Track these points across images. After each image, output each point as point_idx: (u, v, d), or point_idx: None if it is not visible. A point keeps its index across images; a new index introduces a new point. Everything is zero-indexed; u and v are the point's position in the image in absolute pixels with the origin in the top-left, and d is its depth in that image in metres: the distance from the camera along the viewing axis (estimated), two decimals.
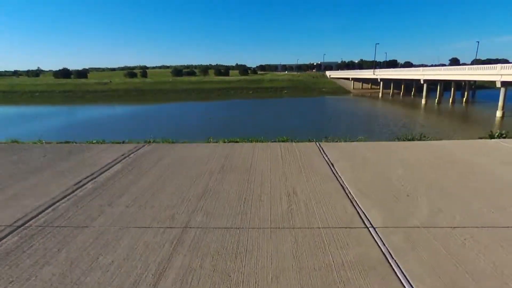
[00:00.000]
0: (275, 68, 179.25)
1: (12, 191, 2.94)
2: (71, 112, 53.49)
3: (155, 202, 2.68)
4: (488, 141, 4.54)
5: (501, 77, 42.25)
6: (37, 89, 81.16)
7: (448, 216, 2.36)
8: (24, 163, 3.77)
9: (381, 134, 31.03)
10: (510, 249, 1.95)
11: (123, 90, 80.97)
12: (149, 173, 3.39)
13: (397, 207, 2.52)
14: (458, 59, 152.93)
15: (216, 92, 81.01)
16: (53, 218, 2.43)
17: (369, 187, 2.92)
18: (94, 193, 2.89)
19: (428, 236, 2.10)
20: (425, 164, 3.51)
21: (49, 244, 2.07)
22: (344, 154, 3.96)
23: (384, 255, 1.91)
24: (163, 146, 4.66)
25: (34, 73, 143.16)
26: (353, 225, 2.27)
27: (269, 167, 3.53)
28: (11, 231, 2.24)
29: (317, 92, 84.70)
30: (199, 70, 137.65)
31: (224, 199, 2.72)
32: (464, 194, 2.74)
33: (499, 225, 2.23)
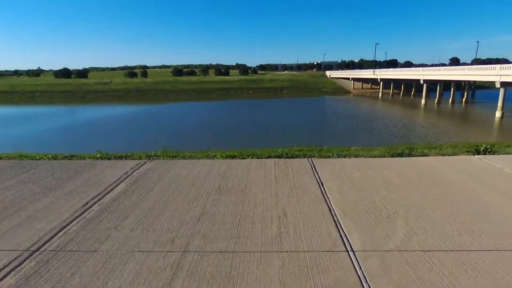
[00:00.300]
0: (275, 67, 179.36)
1: (25, 214, 3.20)
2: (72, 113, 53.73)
3: (156, 225, 2.94)
4: (471, 158, 4.79)
5: (501, 77, 42.40)
6: (37, 89, 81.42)
7: (421, 240, 2.62)
8: (34, 183, 4.03)
9: (381, 135, 31.27)
10: (471, 273, 2.20)
11: (123, 90, 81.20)
12: (151, 193, 3.65)
13: (377, 230, 2.77)
14: (458, 59, 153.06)
15: (216, 92, 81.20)
16: (65, 242, 2.69)
17: (354, 209, 3.17)
18: (100, 215, 3.14)
19: (401, 260, 2.36)
20: (408, 184, 3.76)
21: (63, 269, 2.33)
22: (334, 173, 4.22)
23: (360, 279, 2.16)
24: (164, 162, 4.92)
25: (35, 73, 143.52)
26: (335, 249, 2.52)
27: (263, 187, 3.78)
28: (28, 255, 2.50)
29: (317, 92, 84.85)
30: (200, 69, 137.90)
31: (220, 222, 2.98)
32: (439, 216, 2.99)
33: (466, 248, 2.49)
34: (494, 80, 43.64)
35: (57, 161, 5.15)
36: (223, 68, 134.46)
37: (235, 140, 25.68)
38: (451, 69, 58.30)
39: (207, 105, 61.53)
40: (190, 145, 14.25)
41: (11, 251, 2.56)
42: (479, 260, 2.33)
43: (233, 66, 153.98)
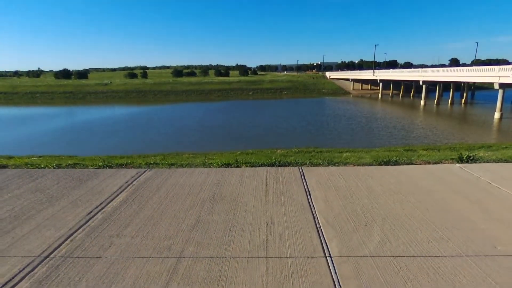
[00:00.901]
0: (275, 68, 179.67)
1: (35, 222, 3.49)
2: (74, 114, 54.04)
3: (155, 233, 3.23)
4: (452, 167, 5.08)
5: (499, 78, 42.69)
6: (38, 90, 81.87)
7: (393, 246, 2.90)
8: (41, 192, 4.33)
9: (380, 137, 31.56)
10: (433, 277, 2.49)
11: (123, 91, 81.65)
12: (150, 202, 3.94)
13: (354, 237, 3.06)
14: (458, 60, 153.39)
15: (216, 93, 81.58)
16: (72, 249, 2.98)
17: (336, 217, 3.46)
18: (104, 223, 3.44)
19: (372, 265, 2.65)
20: (388, 193, 4.05)
21: (72, 273, 2.62)
22: (321, 182, 4.51)
23: (334, 282, 2.45)
24: (162, 171, 5.21)
25: (35, 74, 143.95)
26: (315, 255, 2.81)
27: (253, 196, 4.07)
28: (39, 261, 2.79)
29: (317, 93, 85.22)
30: (200, 70, 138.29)
31: (213, 230, 3.27)
32: (413, 224, 3.28)
33: (432, 254, 2.77)
34: (493, 81, 43.93)
35: (61, 170, 5.44)
36: (223, 69, 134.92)
37: (235, 142, 26.00)
38: (450, 70, 58.62)
39: (207, 106, 61.85)
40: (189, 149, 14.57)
41: (24, 258, 2.85)
42: (442, 265, 2.62)
43: (233, 67, 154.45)
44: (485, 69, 47.72)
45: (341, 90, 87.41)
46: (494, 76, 43.53)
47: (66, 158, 7.93)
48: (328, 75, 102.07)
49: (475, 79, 51.92)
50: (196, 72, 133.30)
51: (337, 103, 63.93)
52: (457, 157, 5.67)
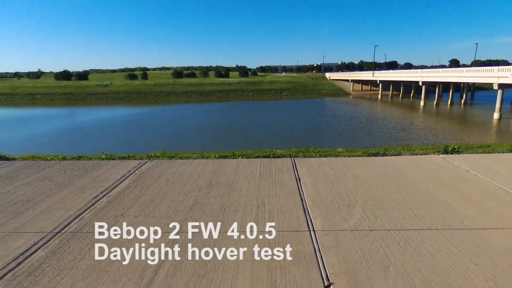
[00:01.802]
0: (275, 69, 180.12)
1: (45, 205, 3.80)
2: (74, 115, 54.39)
3: (156, 213, 3.54)
4: (436, 157, 5.38)
5: (498, 79, 42.87)
6: (38, 91, 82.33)
7: (371, 222, 3.21)
8: (49, 180, 4.64)
9: (380, 138, 31.81)
10: (403, 246, 2.80)
11: (123, 92, 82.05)
12: (151, 188, 4.26)
13: (337, 215, 3.37)
14: (458, 60, 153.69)
15: (216, 94, 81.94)
16: (81, 226, 3.29)
17: (322, 200, 3.77)
18: (109, 205, 3.75)
19: (350, 237, 2.95)
20: (372, 179, 4.36)
21: (81, 245, 2.93)
22: (311, 170, 4.82)
23: (315, 250, 2.76)
24: (162, 162, 5.52)
25: (35, 75, 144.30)
26: (300, 229, 3.12)
27: (247, 182, 4.38)
28: (52, 236, 3.10)
29: (317, 94, 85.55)
30: (200, 71, 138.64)
31: (208, 210, 3.58)
32: (391, 205, 3.59)
33: (405, 228, 3.08)
34: (492, 81, 44.12)
35: (67, 161, 5.75)
36: (223, 70, 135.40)
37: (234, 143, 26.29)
38: (449, 71, 58.87)
39: (207, 107, 62.21)
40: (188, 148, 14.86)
41: (38, 233, 3.16)
42: (412, 236, 2.93)
43: (233, 68, 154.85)
44: (484, 69, 47.94)
45: (341, 91, 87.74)
46: (493, 76, 43.73)
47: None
48: (328, 76, 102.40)
49: (474, 79, 52.16)
50: (196, 73, 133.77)
51: (337, 104, 64.24)
52: (443, 150, 5.97)
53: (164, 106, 63.58)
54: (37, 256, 2.78)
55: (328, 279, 2.39)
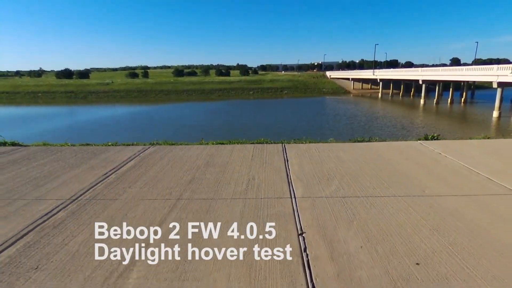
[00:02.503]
0: (276, 68, 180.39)
1: (61, 180, 4.32)
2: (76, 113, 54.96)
3: (159, 185, 4.05)
4: (414, 143, 5.87)
5: (498, 77, 43.14)
6: (39, 90, 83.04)
7: (345, 191, 3.71)
8: (63, 161, 5.16)
9: (380, 136, 32.16)
10: (368, 208, 3.29)
11: (124, 90, 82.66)
12: (154, 167, 4.77)
13: (316, 187, 3.87)
14: (459, 59, 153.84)
15: (216, 93, 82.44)
16: (94, 194, 3.80)
17: (305, 175, 4.27)
18: (117, 180, 4.26)
19: (325, 202, 3.46)
20: (353, 160, 4.86)
21: (96, 208, 3.44)
22: (299, 153, 5.32)
23: (293, 211, 3.26)
24: (164, 147, 6.04)
25: (37, 74, 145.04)
26: (283, 197, 3.62)
27: (240, 162, 4.89)
28: (70, 202, 3.61)
29: (317, 92, 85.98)
30: (201, 70, 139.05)
31: (205, 183, 4.09)
32: (365, 178, 4.09)
33: (372, 195, 3.58)
34: (492, 80, 44.40)
35: (76, 147, 6.28)
36: (224, 68, 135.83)
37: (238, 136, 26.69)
38: (449, 69, 59.10)
39: (207, 105, 62.71)
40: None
41: (58, 200, 3.68)
42: (378, 201, 3.43)
43: (234, 67, 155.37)
44: (484, 68, 48.21)
45: (342, 90, 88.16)
46: (492, 75, 44.01)
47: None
48: (329, 74, 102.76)
49: (474, 78, 52.45)
50: (197, 71, 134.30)
51: (337, 103, 64.67)
52: (423, 138, 6.46)
53: (165, 105, 64.11)
54: (59, 216, 3.30)
55: (301, 230, 2.90)
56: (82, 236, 2.87)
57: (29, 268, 2.44)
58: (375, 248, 2.58)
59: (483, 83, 68.71)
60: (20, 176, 4.50)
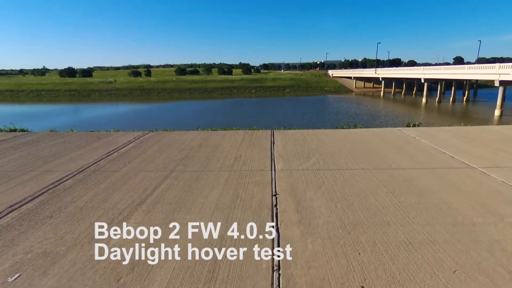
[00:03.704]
0: (278, 67, 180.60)
1: (69, 157, 4.82)
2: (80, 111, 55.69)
3: (155, 160, 4.54)
4: (393, 129, 6.32)
5: (499, 76, 43.05)
6: (43, 88, 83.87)
7: (320, 165, 4.17)
8: (69, 144, 5.67)
9: None
10: (338, 178, 3.75)
11: (127, 89, 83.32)
12: (152, 148, 5.26)
13: (295, 162, 4.34)
14: (462, 58, 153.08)
15: (218, 91, 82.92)
16: (98, 168, 4.29)
17: (287, 154, 4.74)
18: (119, 157, 4.75)
19: (301, 173, 3.92)
20: (333, 142, 5.32)
21: (100, 177, 3.93)
22: (285, 137, 5.79)
23: (272, 179, 3.73)
24: (162, 132, 6.53)
25: (40, 72, 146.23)
26: (264, 169, 4.09)
27: (230, 144, 5.37)
28: (77, 173, 4.11)
29: (319, 91, 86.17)
30: (203, 68, 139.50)
31: (197, 160, 4.57)
32: (341, 156, 4.55)
33: (343, 168, 4.04)
34: (493, 78, 44.28)
35: (81, 132, 6.78)
36: (226, 67, 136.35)
37: None
38: (451, 68, 59.06)
39: (209, 104, 63.26)
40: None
41: (65, 171, 4.17)
42: (348, 173, 3.89)
43: (236, 65, 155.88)
44: (486, 66, 48.12)
45: (344, 88, 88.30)
46: (494, 73, 43.92)
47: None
48: (331, 73, 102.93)
49: (476, 76, 52.39)
50: (199, 70, 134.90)
51: (339, 101, 64.94)
52: (406, 125, 6.89)
53: (168, 103, 64.72)
54: (68, 182, 3.79)
55: (275, 192, 3.37)
56: (87, 196, 3.36)
57: (45, 216, 2.93)
58: (335, 205, 3.04)
59: (485, 82, 68.55)
60: (31, 154, 5.01)
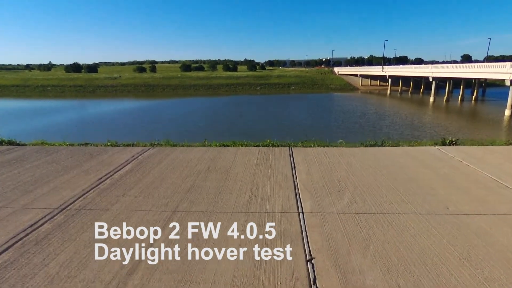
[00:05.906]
0: (284, 63, 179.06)
1: (53, 185, 4.04)
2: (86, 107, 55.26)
3: (155, 193, 3.75)
4: (431, 149, 5.46)
5: (511, 75, 41.84)
6: (49, 83, 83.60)
7: (358, 206, 3.35)
8: (58, 164, 4.89)
9: (389, 136, 31.47)
10: (386, 227, 2.93)
11: (132, 85, 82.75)
12: (152, 172, 4.47)
13: (326, 199, 3.52)
14: (470, 56, 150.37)
15: (224, 88, 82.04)
16: (85, 203, 3.51)
17: (314, 185, 3.92)
18: (112, 187, 3.97)
19: (337, 219, 3.10)
20: (365, 168, 4.48)
21: (85, 219, 3.15)
22: (307, 159, 4.96)
23: (301, 229, 2.92)
24: (165, 149, 5.73)
25: (46, 67, 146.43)
26: (289, 211, 3.28)
27: (244, 168, 4.55)
28: (58, 212, 3.33)
29: (325, 88, 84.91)
30: (208, 65, 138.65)
31: (205, 192, 3.77)
32: (380, 191, 3.72)
33: (389, 212, 3.22)
34: (504, 78, 43.08)
35: (74, 147, 6.01)
36: (231, 63, 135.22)
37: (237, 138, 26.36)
38: (460, 66, 57.59)
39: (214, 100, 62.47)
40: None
41: (45, 209, 3.40)
42: (396, 220, 3.07)
43: (242, 62, 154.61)
44: (496, 65, 46.78)
45: (350, 86, 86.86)
46: (505, 72, 42.69)
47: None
48: (337, 70, 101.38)
49: (486, 75, 50.98)
50: (205, 66, 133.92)
51: (345, 99, 63.75)
52: (440, 142, 6.03)
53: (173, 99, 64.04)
54: (43, 229, 3.01)
55: (310, 254, 2.56)
56: (63, 256, 2.58)
57: None
58: (397, 282, 2.23)
59: (495, 81, 66.85)
60: (10, 179, 4.25)
